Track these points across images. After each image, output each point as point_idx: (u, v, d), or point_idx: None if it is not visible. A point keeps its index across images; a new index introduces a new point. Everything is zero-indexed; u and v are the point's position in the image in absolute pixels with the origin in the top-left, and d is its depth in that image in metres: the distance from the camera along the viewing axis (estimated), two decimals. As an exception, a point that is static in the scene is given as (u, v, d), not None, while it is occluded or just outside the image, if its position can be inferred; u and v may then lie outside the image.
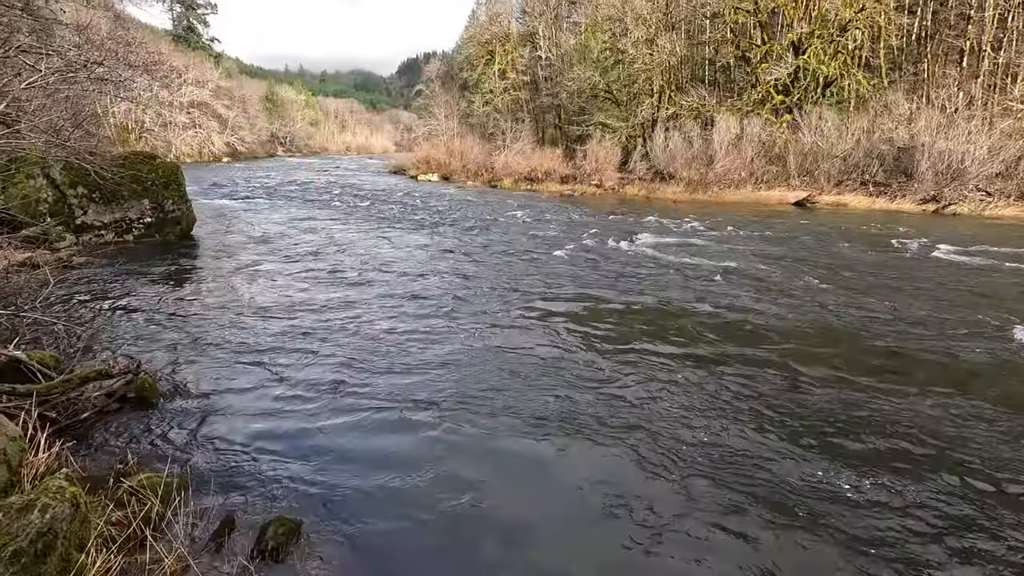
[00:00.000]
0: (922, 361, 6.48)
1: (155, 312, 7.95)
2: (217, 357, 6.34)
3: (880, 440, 4.75)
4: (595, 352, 6.64)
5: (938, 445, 4.69)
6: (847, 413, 5.20)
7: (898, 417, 5.14)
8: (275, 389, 5.59)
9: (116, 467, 4.01)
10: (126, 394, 5.15)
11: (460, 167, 35.57)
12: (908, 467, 4.40)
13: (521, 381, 5.84)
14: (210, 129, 59.10)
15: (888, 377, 5.98)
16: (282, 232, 14.78)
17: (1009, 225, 17.26)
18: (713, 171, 25.58)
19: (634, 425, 5.01)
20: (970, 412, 5.22)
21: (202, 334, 7.03)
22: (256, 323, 7.44)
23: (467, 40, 49.54)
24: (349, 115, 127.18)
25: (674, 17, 30.76)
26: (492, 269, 11.00)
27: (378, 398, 5.42)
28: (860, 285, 9.79)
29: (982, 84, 23.02)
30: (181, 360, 6.26)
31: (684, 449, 4.64)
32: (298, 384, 5.70)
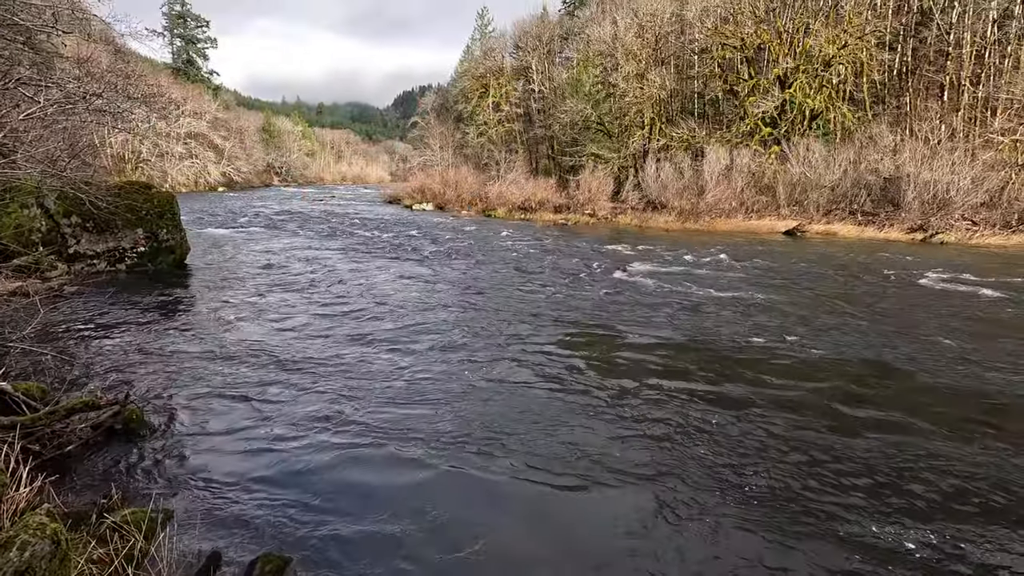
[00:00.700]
0: (957, 396, 6.19)
1: (145, 342, 7.86)
2: (207, 389, 6.25)
3: (933, 487, 4.42)
4: (602, 387, 6.39)
5: (1000, 493, 4.32)
6: (890, 455, 4.86)
7: (947, 459, 4.81)
8: (265, 423, 5.47)
9: (100, 502, 3.89)
10: (113, 426, 5.05)
11: (454, 197, 35.90)
12: (972, 519, 4.03)
13: (523, 418, 5.63)
14: (206, 159, 59.62)
15: (926, 414, 5.68)
16: (276, 262, 14.78)
17: (997, 253, 17.52)
18: (704, 201, 25.95)
19: (654, 469, 4.68)
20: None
21: (192, 366, 6.94)
22: (247, 355, 7.34)
23: (462, 74, 50.68)
24: (345, 146, 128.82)
25: (663, 53, 31.67)
26: (490, 300, 10.98)
27: (371, 434, 5.27)
28: (869, 315, 9.83)
29: (963, 117, 23.67)
30: (170, 391, 6.16)
31: (714, 497, 4.29)
32: (289, 418, 5.57)
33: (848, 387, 6.43)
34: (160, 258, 13.28)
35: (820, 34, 25.43)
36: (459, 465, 4.77)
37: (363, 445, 5.08)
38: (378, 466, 4.77)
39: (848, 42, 25.16)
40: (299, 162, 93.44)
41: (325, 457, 4.87)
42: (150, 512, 3.58)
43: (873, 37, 25.27)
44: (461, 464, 4.79)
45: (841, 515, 4.10)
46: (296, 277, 12.67)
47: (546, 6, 45.98)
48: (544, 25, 42.46)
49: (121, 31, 17.57)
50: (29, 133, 7.67)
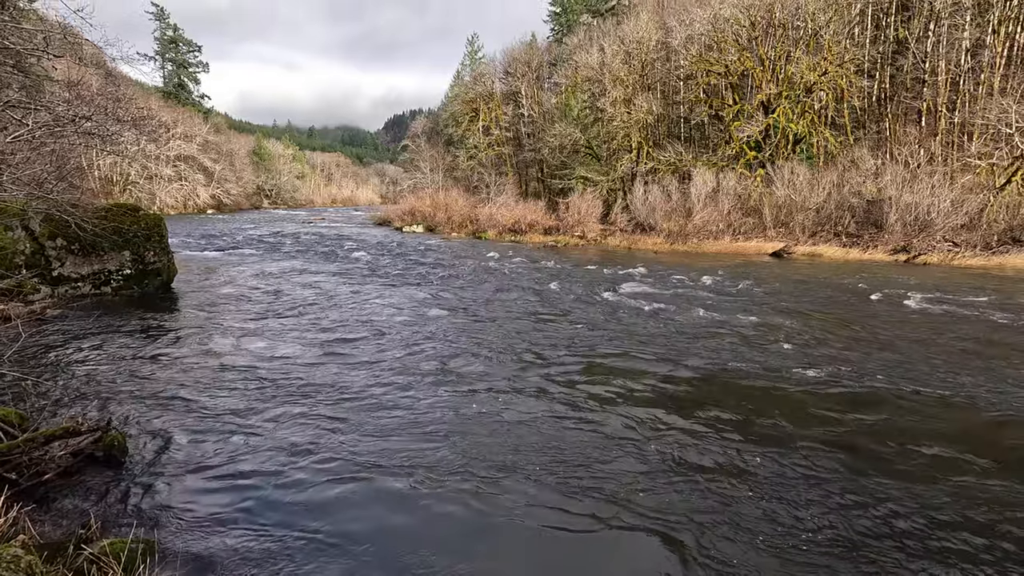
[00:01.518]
0: (980, 432, 5.90)
1: (129, 367, 7.71)
2: (192, 415, 6.11)
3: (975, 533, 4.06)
4: (606, 416, 6.15)
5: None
6: (924, 498, 4.51)
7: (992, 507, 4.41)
8: (250, 452, 5.32)
9: (78, 532, 3.77)
10: (94, 453, 4.92)
11: (445, 219, 36.04)
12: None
13: (526, 451, 5.37)
14: (196, 182, 59.54)
15: (956, 450, 5.38)
16: (263, 285, 14.66)
17: (980, 274, 17.83)
18: (692, 223, 26.26)
19: (672, 512, 4.34)
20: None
21: (177, 391, 6.81)
22: (234, 381, 7.21)
23: (452, 98, 51.40)
24: (336, 168, 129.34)
25: (650, 79, 32.34)
26: (483, 324, 10.93)
27: (363, 466, 5.06)
28: (866, 341, 9.91)
29: (941, 141, 24.30)
30: (154, 418, 6.03)
31: (734, 545, 3.97)
32: (277, 447, 5.41)
33: (866, 418, 6.40)
34: (147, 281, 13.14)
35: (801, 62, 26.16)
36: (458, 502, 4.54)
37: (354, 478, 4.88)
38: (370, 500, 4.57)
39: (828, 69, 25.88)
40: (289, 185, 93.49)
41: (314, 489, 4.70)
42: (130, 543, 3.47)
43: (852, 65, 26.03)
44: (460, 501, 4.55)
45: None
46: (284, 301, 12.56)
47: (534, 33, 46.93)
48: (533, 52, 43.31)
49: (113, 55, 17.63)
50: (16, 155, 7.61)
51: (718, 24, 27.97)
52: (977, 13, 23.52)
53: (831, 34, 25.83)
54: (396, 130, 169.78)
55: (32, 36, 8.71)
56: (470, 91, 46.66)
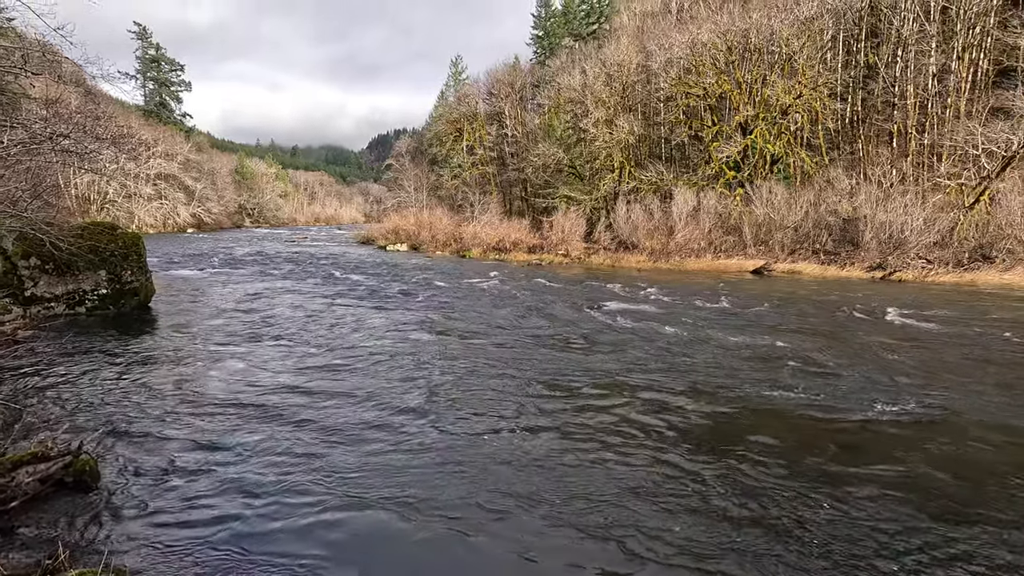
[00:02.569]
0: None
1: (103, 389, 7.50)
2: (166, 441, 5.91)
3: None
4: (607, 440, 5.96)
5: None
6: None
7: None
8: (226, 480, 5.10)
9: (44, 562, 3.61)
10: (63, 479, 4.75)
11: (429, 237, 36.04)
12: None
13: (520, 479, 5.15)
14: (176, 200, 58.91)
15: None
16: (243, 305, 14.43)
17: (953, 291, 18.27)
18: (674, 241, 26.61)
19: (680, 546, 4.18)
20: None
21: (152, 416, 6.63)
22: (210, 405, 7.00)
23: (436, 118, 51.84)
24: (319, 187, 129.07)
25: (631, 100, 33.01)
26: (470, 348, 10.82)
27: (345, 496, 4.83)
28: (851, 352, 10.05)
29: (912, 162, 25.08)
30: (128, 442, 5.85)
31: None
32: (252, 476, 5.18)
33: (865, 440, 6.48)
34: (123, 301, 12.87)
35: (777, 85, 26.94)
36: (449, 534, 4.34)
37: (333, 509, 4.65)
38: (351, 533, 4.35)
39: (802, 92, 26.67)
40: (272, 203, 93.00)
41: (292, 520, 4.51)
42: (100, 572, 3.33)
43: (825, 88, 26.87)
44: (451, 534, 4.35)
45: None
46: (264, 322, 12.36)
47: (518, 56, 47.74)
48: (516, 73, 43.98)
49: (93, 73, 17.50)
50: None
51: (696, 48, 28.75)
52: (942, 40, 24.51)
53: (804, 59, 26.68)
54: (380, 149, 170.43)
55: (10, 54, 8.62)
56: (454, 111, 47.13)
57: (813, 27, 27.07)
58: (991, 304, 15.09)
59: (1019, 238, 20.32)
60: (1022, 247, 20.21)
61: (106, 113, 18.15)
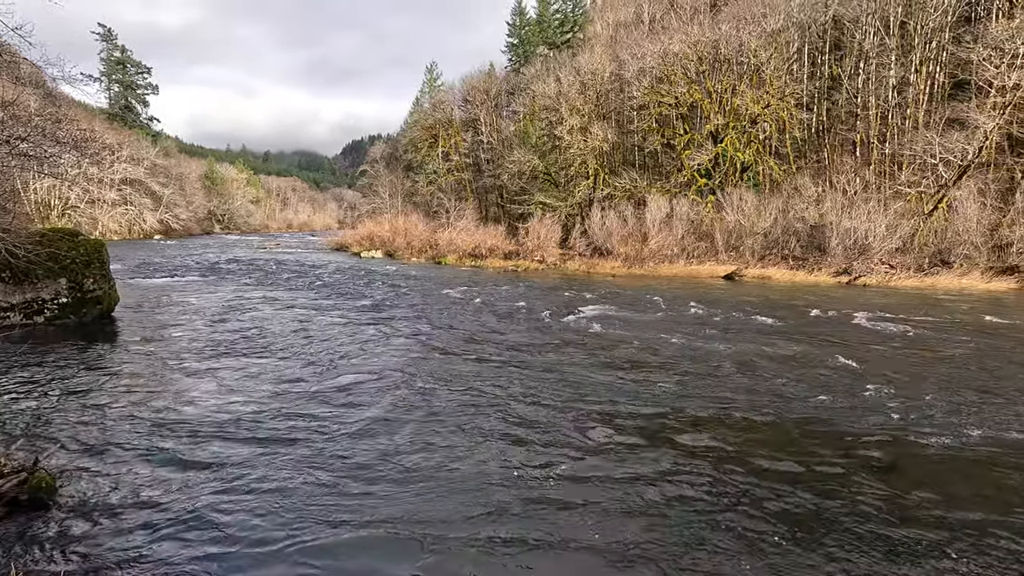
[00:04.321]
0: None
1: (61, 403, 7.21)
2: (129, 456, 5.67)
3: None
4: (579, 466, 5.73)
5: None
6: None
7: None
8: (189, 500, 4.85)
9: (-5, 587, 3.43)
10: (18, 496, 4.53)
11: (404, 244, 35.78)
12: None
13: (513, 501, 4.95)
14: (142, 206, 57.32)
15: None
16: (211, 315, 14.05)
17: (915, 294, 18.92)
18: (648, 247, 26.97)
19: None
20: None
21: (113, 430, 6.37)
22: (175, 421, 6.71)
23: (412, 124, 51.63)
24: (292, 193, 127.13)
25: (605, 108, 33.43)
26: (448, 352, 10.73)
27: (309, 519, 4.54)
28: (819, 354, 10.28)
29: (874, 171, 25.95)
30: (87, 458, 5.60)
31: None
32: (217, 493, 4.94)
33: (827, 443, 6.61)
34: (85, 310, 12.42)
35: (746, 95, 27.61)
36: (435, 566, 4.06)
37: (303, 528, 4.43)
38: (325, 559, 4.09)
39: (770, 102, 27.40)
40: (243, 209, 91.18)
41: (258, 539, 4.28)
42: (55, 595, 3.18)
43: (792, 98, 27.64)
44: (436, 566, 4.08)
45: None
46: (234, 332, 12.05)
47: (493, 63, 47.94)
48: (491, 80, 44.16)
49: (54, 75, 16.91)
50: (-60, 177, 7.14)
51: (668, 58, 29.30)
52: (901, 54, 25.48)
53: (772, 70, 27.43)
54: (354, 155, 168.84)
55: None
56: (429, 117, 47.03)
57: (780, 39, 27.87)
58: (949, 307, 15.67)
59: (975, 244, 21.17)
60: (978, 252, 21.06)
61: (67, 116, 17.58)
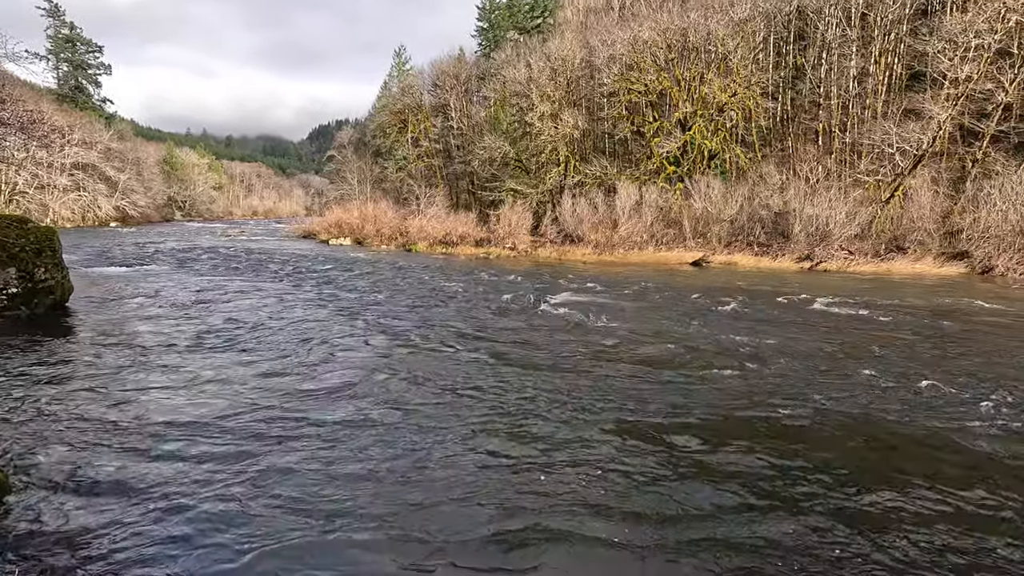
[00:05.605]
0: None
1: (11, 398, 6.90)
2: (83, 455, 5.39)
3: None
4: (549, 459, 5.69)
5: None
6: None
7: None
8: (150, 500, 4.62)
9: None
10: (-35, 497, 4.33)
11: (374, 231, 35.28)
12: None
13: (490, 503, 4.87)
14: (97, 192, 54.95)
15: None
16: (171, 306, 13.59)
17: (871, 279, 19.64)
18: (618, 234, 27.23)
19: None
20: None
21: (66, 426, 6.11)
22: (134, 416, 6.45)
23: (380, 109, 50.61)
24: (256, 179, 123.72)
25: (575, 95, 33.40)
26: (422, 341, 10.63)
27: (276, 521, 4.30)
28: (777, 336, 10.57)
29: (835, 159, 26.71)
30: (37, 458, 5.34)
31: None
32: (178, 494, 4.67)
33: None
34: (37, 300, 11.87)
35: (713, 83, 27.96)
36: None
37: (273, 531, 4.21)
38: (285, 560, 3.90)
39: (737, 91, 27.82)
40: (205, 196, 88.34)
41: (223, 546, 4.06)
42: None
43: (758, 87, 28.12)
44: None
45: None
46: (196, 323, 11.68)
47: (462, 47, 47.20)
48: (461, 65, 43.54)
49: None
50: None
51: (637, 45, 29.40)
52: (861, 45, 26.15)
53: (738, 59, 27.80)
54: (321, 140, 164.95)
55: None
56: (398, 102, 46.18)
57: (746, 29, 28.24)
58: (905, 292, 16.33)
59: (928, 230, 22.06)
60: (931, 239, 21.96)
61: (12, 96, 16.67)
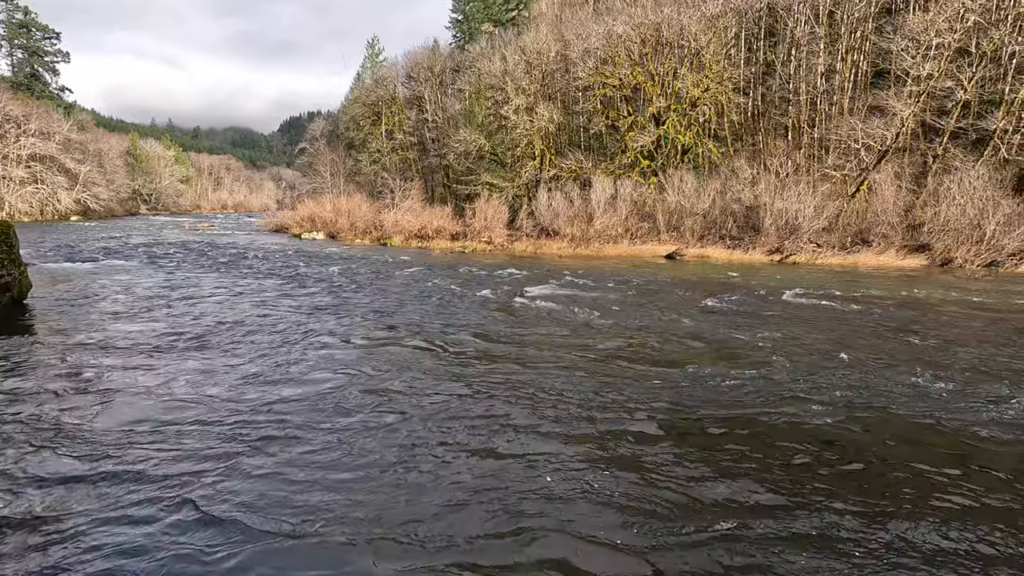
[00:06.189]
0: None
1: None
2: (38, 461, 5.16)
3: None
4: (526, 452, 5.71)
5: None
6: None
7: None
8: (103, 508, 4.36)
9: None
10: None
11: (348, 225, 34.79)
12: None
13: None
14: (56, 185, 52.91)
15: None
16: (135, 304, 13.11)
17: (838, 271, 20.18)
18: (593, 228, 27.39)
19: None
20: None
21: (23, 430, 5.88)
22: (93, 423, 6.13)
23: (353, 101, 49.76)
24: (226, 172, 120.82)
25: (551, 89, 33.38)
26: (399, 335, 10.53)
27: (246, 541, 3.97)
28: (745, 325, 10.76)
29: (804, 154, 27.30)
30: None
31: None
32: (133, 511, 4.35)
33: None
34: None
35: (686, 78, 28.26)
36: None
37: (242, 545, 3.97)
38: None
39: (710, 86, 28.17)
40: (171, 189, 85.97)
41: (190, 558, 3.84)
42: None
43: (730, 83, 28.52)
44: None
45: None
46: (161, 322, 11.29)
47: (437, 39, 46.73)
48: (435, 57, 43.10)
49: (-58, 37, 15.16)
50: None
51: (612, 39, 29.49)
52: (829, 42, 26.71)
53: (711, 54, 28.14)
54: (293, 132, 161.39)
55: None
56: (372, 94, 45.52)
57: (719, 24, 28.57)
58: (870, 283, 16.83)
59: (891, 224, 22.75)
60: (894, 232, 22.65)
61: (-39, 83, 15.86)
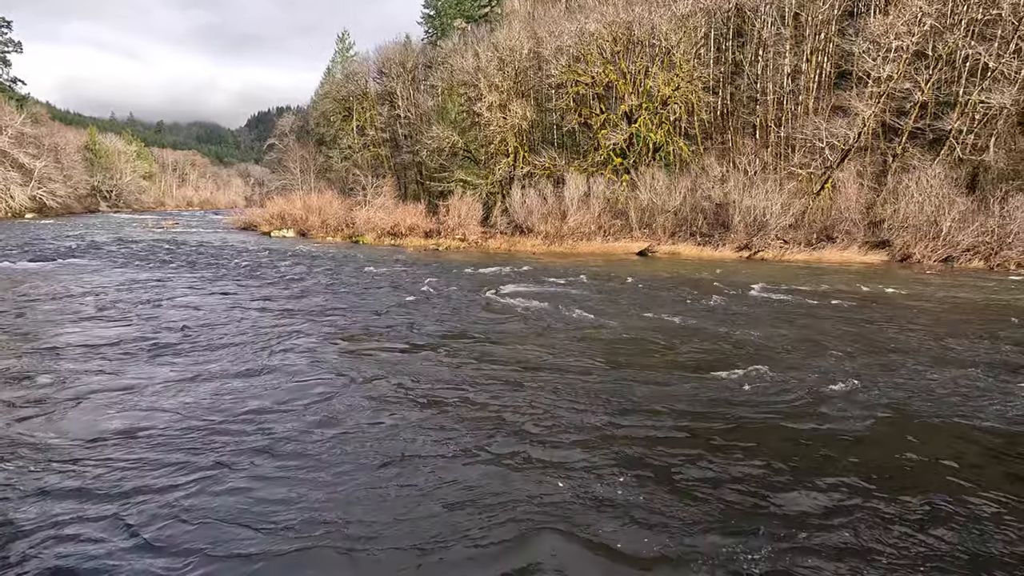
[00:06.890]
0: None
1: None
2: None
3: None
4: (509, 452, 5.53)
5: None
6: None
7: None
8: (64, 522, 4.12)
9: None
10: None
11: (319, 222, 34.20)
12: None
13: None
14: (9, 180, 50.64)
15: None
16: (93, 305, 12.49)
17: (803, 267, 20.70)
18: (567, 225, 27.52)
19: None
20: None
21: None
22: (50, 426, 5.87)
23: (323, 96, 48.82)
24: (191, 168, 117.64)
25: (523, 86, 33.34)
26: (374, 349, 10.31)
27: (196, 549, 3.79)
28: (719, 319, 10.92)
29: (771, 153, 27.91)
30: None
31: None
32: (100, 523, 4.11)
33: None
34: (-65, 299, 10.80)
35: (658, 77, 28.57)
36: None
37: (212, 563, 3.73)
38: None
39: (680, 85, 28.54)
40: (133, 185, 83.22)
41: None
42: None
43: (700, 82, 28.94)
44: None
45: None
46: (121, 324, 10.75)
47: (408, 35, 46.13)
48: (408, 52, 42.61)
49: None
50: None
51: (584, 37, 29.61)
52: (795, 43, 27.33)
53: (681, 53, 28.49)
54: (261, 128, 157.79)
55: None
56: (342, 89, 44.76)
57: (689, 24, 28.93)
58: (834, 278, 17.31)
59: (854, 220, 23.45)
60: (856, 228, 23.36)
61: (-99, 73, 15.00)
